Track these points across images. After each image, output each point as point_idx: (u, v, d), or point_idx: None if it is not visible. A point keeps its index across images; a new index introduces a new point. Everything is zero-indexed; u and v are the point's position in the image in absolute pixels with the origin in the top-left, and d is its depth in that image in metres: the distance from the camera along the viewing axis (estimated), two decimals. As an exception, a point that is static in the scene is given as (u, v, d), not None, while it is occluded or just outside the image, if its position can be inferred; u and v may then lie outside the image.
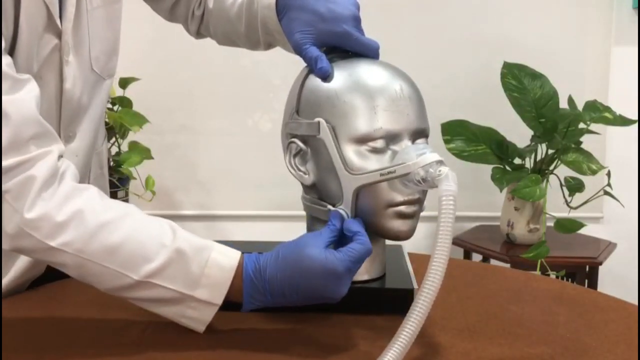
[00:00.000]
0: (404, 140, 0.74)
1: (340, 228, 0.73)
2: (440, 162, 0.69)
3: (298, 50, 0.82)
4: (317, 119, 0.75)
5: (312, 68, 0.78)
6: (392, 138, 0.74)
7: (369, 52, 0.80)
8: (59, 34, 0.82)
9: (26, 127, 0.69)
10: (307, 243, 0.71)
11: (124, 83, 2.08)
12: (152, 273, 0.69)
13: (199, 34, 1.08)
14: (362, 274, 0.82)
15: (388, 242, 0.91)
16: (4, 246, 0.71)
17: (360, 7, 0.86)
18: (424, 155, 0.69)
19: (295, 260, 0.70)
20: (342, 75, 0.77)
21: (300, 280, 0.69)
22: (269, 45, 0.94)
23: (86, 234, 0.69)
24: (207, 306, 0.71)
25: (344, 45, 0.81)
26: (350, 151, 0.74)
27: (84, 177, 0.97)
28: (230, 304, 0.72)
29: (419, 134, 0.76)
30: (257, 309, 0.73)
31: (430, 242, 2.46)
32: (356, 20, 0.81)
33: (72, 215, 0.69)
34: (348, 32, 0.79)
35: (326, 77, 0.77)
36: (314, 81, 0.78)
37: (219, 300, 0.71)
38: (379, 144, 0.74)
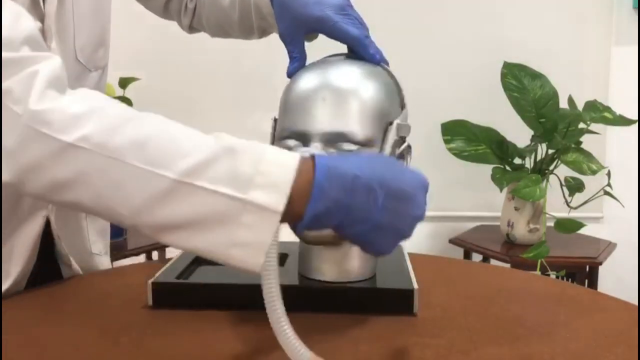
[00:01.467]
0: (313, 142, 0.72)
1: None
2: None
3: (283, 43, 0.84)
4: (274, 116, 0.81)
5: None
6: (300, 139, 0.73)
7: (348, 40, 0.79)
8: (41, 18, 0.80)
9: (19, 32, 0.60)
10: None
11: (124, 83, 2.08)
12: (192, 170, 0.54)
13: (191, 28, 1.08)
14: (355, 274, 0.83)
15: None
16: (4, 177, 0.58)
17: (361, 8, 0.86)
18: None
19: (386, 161, 0.64)
20: (295, 75, 0.79)
21: (391, 179, 0.58)
22: (262, 32, 0.95)
23: (108, 126, 0.56)
24: (264, 217, 0.54)
25: (324, 31, 0.81)
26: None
27: None
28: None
29: (337, 137, 0.72)
30: (324, 220, 0.57)
31: (430, 242, 2.48)
32: (340, 8, 0.80)
33: (91, 108, 0.57)
34: (327, 16, 0.78)
35: (289, 77, 0.80)
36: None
37: (280, 205, 0.54)
38: (291, 143, 0.74)
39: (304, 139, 0.73)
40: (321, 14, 0.79)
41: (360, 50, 0.79)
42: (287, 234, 0.99)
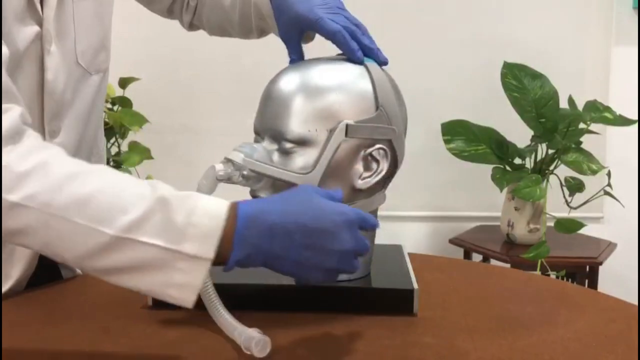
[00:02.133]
0: (265, 139, 0.78)
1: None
2: (228, 160, 0.73)
3: (284, 43, 0.87)
4: None
5: None
6: (257, 134, 0.80)
7: (330, 36, 0.80)
8: (39, 22, 0.80)
9: None
10: (313, 191, 0.66)
11: (124, 83, 2.08)
12: (130, 226, 0.59)
13: (192, 26, 1.09)
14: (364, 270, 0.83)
15: (388, 242, 0.91)
16: None
17: (361, 8, 0.87)
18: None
19: (305, 201, 0.64)
20: None
21: (309, 220, 0.62)
22: (261, 32, 0.98)
23: (52, 185, 0.59)
24: (195, 264, 0.60)
25: (310, 28, 0.83)
26: None
27: None
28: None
29: (278, 135, 0.76)
30: (245, 263, 0.63)
31: (430, 242, 2.48)
32: (328, 7, 0.81)
33: (36, 165, 0.60)
34: (312, 13, 0.80)
35: None
36: None
37: (210, 253, 0.60)
38: (255, 139, 0.80)
39: (259, 135, 0.80)
40: (307, 12, 0.81)
41: (341, 46, 0.80)
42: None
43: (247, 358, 0.68)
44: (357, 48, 0.79)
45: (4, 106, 0.63)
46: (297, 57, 0.85)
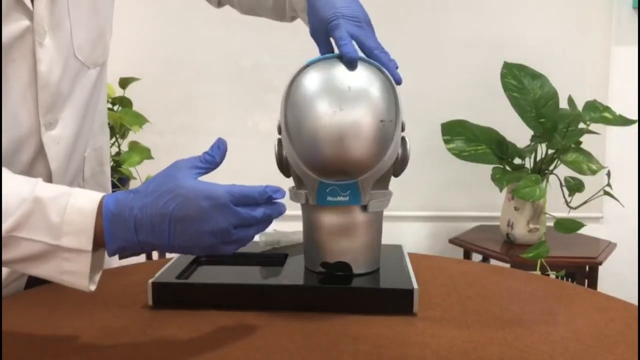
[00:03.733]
0: None
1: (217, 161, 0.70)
2: None
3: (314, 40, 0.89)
4: None
5: None
6: None
7: (336, 41, 0.84)
8: (29, 15, 0.80)
9: None
10: (178, 170, 0.68)
11: (124, 83, 2.08)
12: (14, 226, 0.65)
13: (220, 3, 1.10)
14: (365, 267, 0.84)
15: (388, 242, 0.91)
16: None
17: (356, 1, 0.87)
18: None
19: (171, 189, 0.65)
20: None
21: (175, 210, 0.64)
22: (292, 19, 1.01)
23: None
24: (79, 254, 0.65)
25: (330, 33, 0.85)
26: None
27: (77, 171, 0.96)
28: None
29: None
30: (126, 252, 0.67)
31: (430, 242, 2.47)
32: (353, 16, 0.84)
33: None
34: (335, 18, 0.83)
35: None
36: None
37: (88, 246, 0.65)
38: None
39: None
40: (327, 16, 0.83)
41: (339, 49, 0.82)
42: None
43: (247, 358, 0.68)
44: (350, 51, 0.80)
45: None
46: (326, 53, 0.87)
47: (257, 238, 0.99)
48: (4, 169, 0.70)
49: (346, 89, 0.77)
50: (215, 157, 0.71)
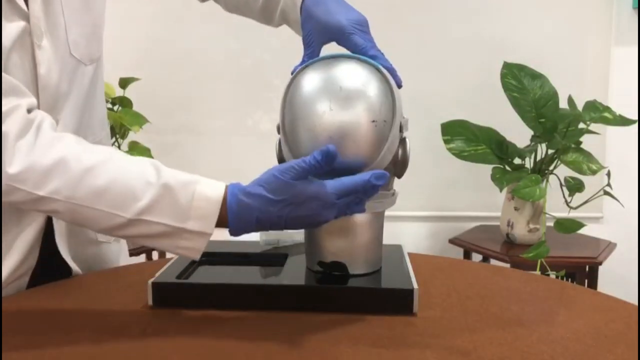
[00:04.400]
0: None
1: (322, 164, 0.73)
2: None
3: (304, 46, 0.89)
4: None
5: None
6: None
7: (357, 51, 0.84)
8: (25, 17, 0.81)
9: None
10: (288, 175, 0.73)
11: (124, 83, 2.08)
12: (142, 210, 0.72)
13: None
14: (363, 267, 0.84)
15: (388, 242, 0.91)
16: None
17: (361, 8, 0.87)
18: None
19: (284, 190, 0.72)
20: None
21: (289, 212, 0.72)
22: (279, 25, 1.00)
23: (73, 180, 0.71)
24: (199, 236, 0.73)
25: (338, 41, 0.85)
26: None
27: None
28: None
29: None
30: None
31: (430, 242, 2.47)
32: (359, 22, 0.84)
33: (56, 163, 0.72)
34: (343, 27, 0.84)
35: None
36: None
37: (210, 229, 0.73)
38: None
39: None
40: (339, 24, 0.84)
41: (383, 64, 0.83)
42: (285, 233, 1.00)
43: (248, 358, 0.68)
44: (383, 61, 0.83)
45: (9, 107, 0.73)
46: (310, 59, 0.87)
47: (257, 237, 0.99)
48: (116, 150, 0.77)
49: (337, 89, 0.77)
50: (321, 162, 0.73)
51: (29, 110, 0.75)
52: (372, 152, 0.77)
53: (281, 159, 0.84)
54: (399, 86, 0.83)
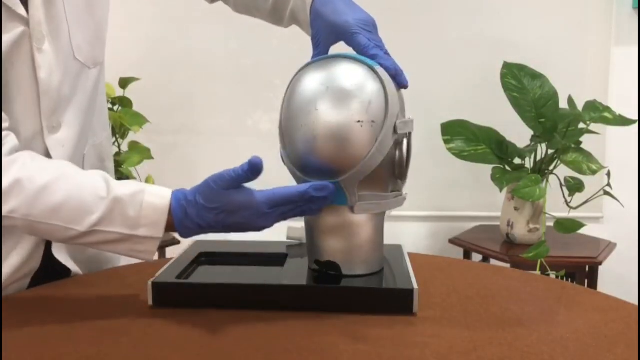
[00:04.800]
0: None
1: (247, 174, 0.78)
2: None
3: (313, 45, 0.90)
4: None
5: None
6: None
7: (360, 51, 0.85)
8: (24, 22, 0.81)
9: None
10: (222, 185, 0.78)
11: (124, 83, 2.08)
12: (95, 223, 0.77)
13: (213, 0, 1.10)
14: (360, 269, 0.84)
15: (388, 242, 0.91)
16: None
17: (362, 8, 0.87)
18: None
19: (218, 199, 0.77)
20: None
21: (225, 218, 0.77)
22: (289, 25, 1.00)
23: (29, 200, 0.76)
24: (150, 240, 0.79)
25: (344, 39, 0.85)
26: None
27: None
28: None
29: None
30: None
31: (430, 242, 2.47)
32: (365, 23, 0.85)
33: (11, 185, 0.75)
34: (349, 26, 0.84)
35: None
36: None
37: (160, 234, 0.79)
38: None
39: None
40: (346, 23, 0.84)
41: (386, 68, 0.83)
42: (283, 236, 1.00)
43: (248, 358, 0.68)
44: (401, 70, 0.83)
45: None
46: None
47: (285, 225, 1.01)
48: (69, 165, 0.81)
49: (324, 90, 0.78)
50: (247, 172, 0.77)
51: None
52: (359, 152, 0.78)
53: (282, 158, 0.85)
54: (404, 87, 0.83)
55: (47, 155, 0.86)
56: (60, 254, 0.93)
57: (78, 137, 0.92)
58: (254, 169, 0.76)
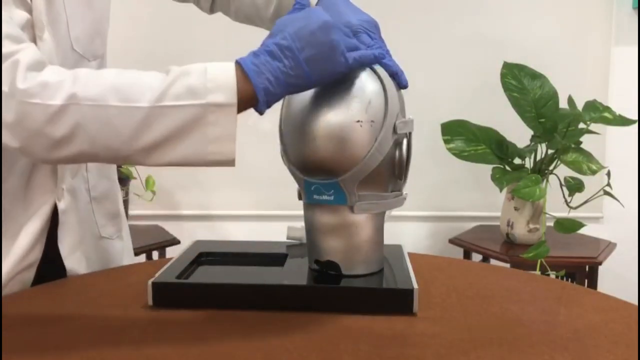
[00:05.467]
0: None
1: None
2: None
3: None
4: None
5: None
6: None
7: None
8: (29, 9, 0.82)
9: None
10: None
11: (124, 83, 2.08)
12: (159, 96, 0.69)
13: (212, 10, 1.11)
14: (360, 268, 0.84)
15: (388, 242, 0.91)
16: (13, 145, 0.70)
17: (361, 8, 0.87)
18: None
19: (281, 25, 0.74)
20: None
21: (295, 40, 0.72)
22: None
23: (86, 83, 0.69)
24: (225, 110, 0.69)
25: None
26: None
27: (81, 164, 0.97)
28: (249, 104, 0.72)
29: None
30: (273, 94, 0.72)
31: (430, 242, 2.47)
32: (369, 23, 0.84)
33: (67, 75, 0.70)
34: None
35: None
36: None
37: (234, 98, 0.69)
38: None
39: None
40: (348, 24, 0.83)
41: (387, 68, 0.82)
42: (283, 236, 1.00)
43: (248, 358, 0.68)
44: (401, 70, 0.82)
45: (21, 45, 0.72)
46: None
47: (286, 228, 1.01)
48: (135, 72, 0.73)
49: (324, 89, 0.78)
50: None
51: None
52: (358, 152, 0.78)
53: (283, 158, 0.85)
54: (403, 87, 0.83)
55: None
56: (62, 247, 0.94)
57: None
58: None
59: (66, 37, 0.88)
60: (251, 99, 0.71)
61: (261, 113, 0.73)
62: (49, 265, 0.93)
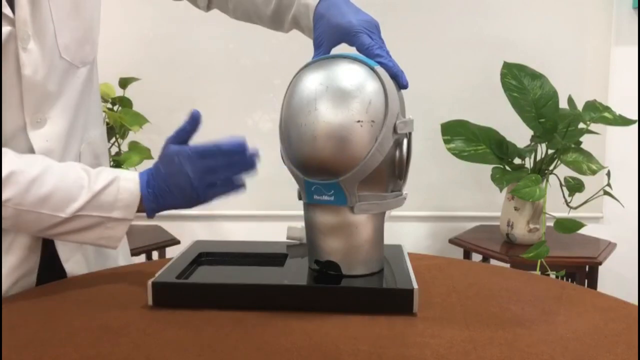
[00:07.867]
0: None
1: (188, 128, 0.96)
2: None
3: (314, 47, 0.90)
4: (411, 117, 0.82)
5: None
6: None
7: (364, 51, 0.85)
8: (11, 22, 0.83)
9: None
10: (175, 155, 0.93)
11: (124, 83, 2.08)
12: (78, 208, 0.84)
13: (209, 7, 1.11)
14: (360, 269, 0.84)
15: (388, 242, 0.91)
16: None
17: (361, 8, 0.88)
18: None
19: (162, 155, 0.92)
20: None
21: (169, 179, 0.89)
22: (289, 30, 1.00)
23: (22, 190, 0.81)
24: (122, 223, 0.87)
25: (347, 40, 0.86)
26: None
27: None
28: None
29: None
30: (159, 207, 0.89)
31: (430, 242, 2.47)
32: (370, 24, 0.86)
33: (7, 175, 0.81)
34: (352, 26, 0.85)
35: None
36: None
37: (132, 215, 0.87)
38: None
39: None
40: (349, 24, 0.85)
41: (388, 68, 0.83)
42: (283, 236, 1.00)
43: (248, 358, 0.68)
44: (401, 71, 0.83)
45: None
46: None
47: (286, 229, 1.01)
48: (47, 158, 0.86)
49: (323, 89, 0.78)
50: (187, 124, 0.94)
51: None
52: (359, 152, 0.78)
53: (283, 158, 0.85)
54: (404, 87, 0.83)
55: (30, 148, 0.88)
56: (61, 251, 0.94)
57: (66, 133, 0.93)
58: (192, 118, 0.93)
59: (54, 46, 0.88)
60: (142, 211, 0.89)
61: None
62: (49, 271, 0.93)
